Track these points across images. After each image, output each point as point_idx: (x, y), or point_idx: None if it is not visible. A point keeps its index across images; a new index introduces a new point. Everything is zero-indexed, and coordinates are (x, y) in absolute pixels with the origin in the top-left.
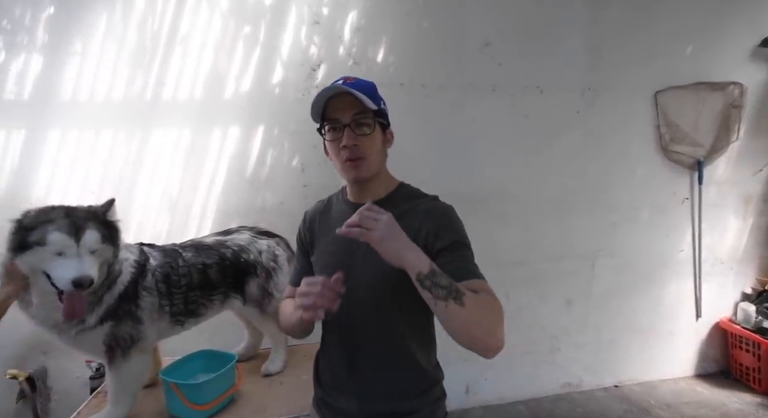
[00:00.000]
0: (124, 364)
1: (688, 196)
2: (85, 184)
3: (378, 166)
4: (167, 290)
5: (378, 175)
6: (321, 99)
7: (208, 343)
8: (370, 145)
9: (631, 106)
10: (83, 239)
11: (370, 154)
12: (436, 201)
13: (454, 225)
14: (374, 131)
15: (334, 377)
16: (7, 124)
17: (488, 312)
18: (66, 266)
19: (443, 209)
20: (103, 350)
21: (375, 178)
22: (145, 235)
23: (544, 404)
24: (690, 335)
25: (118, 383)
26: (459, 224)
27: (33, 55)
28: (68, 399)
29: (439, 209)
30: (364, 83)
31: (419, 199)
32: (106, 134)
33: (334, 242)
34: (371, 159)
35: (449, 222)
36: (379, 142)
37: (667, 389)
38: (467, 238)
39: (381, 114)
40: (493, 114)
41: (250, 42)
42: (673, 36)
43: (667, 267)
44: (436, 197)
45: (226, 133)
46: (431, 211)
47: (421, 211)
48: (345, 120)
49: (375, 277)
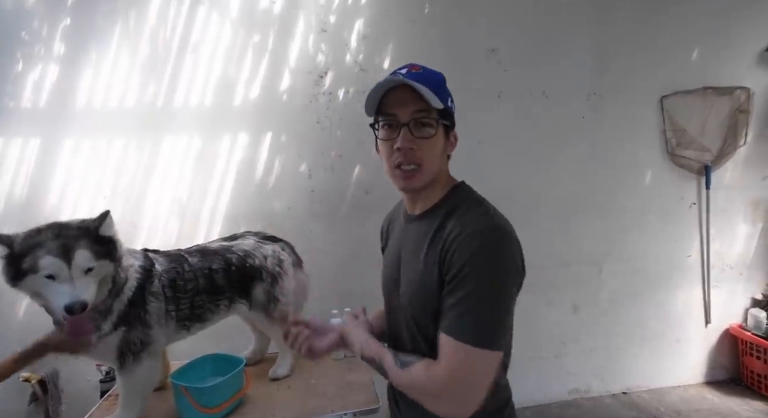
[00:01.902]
0: (136, 368)
1: (695, 202)
2: (98, 190)
3: (434, 175)
4: (173, 294)
5: (435, 183)
6: (378, 91)
7: (216, 347)
8: (429, 151)
9: (638, 112)
10: (75, 260)
11: (428, 160)
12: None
13: (476, 251)
14: (436, 134)
15: None
16: (24, 133)
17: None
18: (58, 291)
19: (480, 229)
20: (115, 355)
21: (431, 186)
22: (155, 240)
23: (551, 411)
24: (699, 342)
25: (129, 387)
26: (484, 250)
27: (50, 65)
28: (79, 402)
29: (474, 226)
30: (431, 75)
31: (468, 209)
32: (119, 141)
33: (389, 254)
34: (427, 167)
35: (474, 245)
36: (440, 148)
37: (676, 397)
38: (489, 272)
39: (446, 114)
40: (499, 120)
41: (258, 50)
42: (679, 41)
43: (676, 273)
44: (485, 207)
45: (235, 139)
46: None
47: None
48: (404, 118)
49: (408, 298)
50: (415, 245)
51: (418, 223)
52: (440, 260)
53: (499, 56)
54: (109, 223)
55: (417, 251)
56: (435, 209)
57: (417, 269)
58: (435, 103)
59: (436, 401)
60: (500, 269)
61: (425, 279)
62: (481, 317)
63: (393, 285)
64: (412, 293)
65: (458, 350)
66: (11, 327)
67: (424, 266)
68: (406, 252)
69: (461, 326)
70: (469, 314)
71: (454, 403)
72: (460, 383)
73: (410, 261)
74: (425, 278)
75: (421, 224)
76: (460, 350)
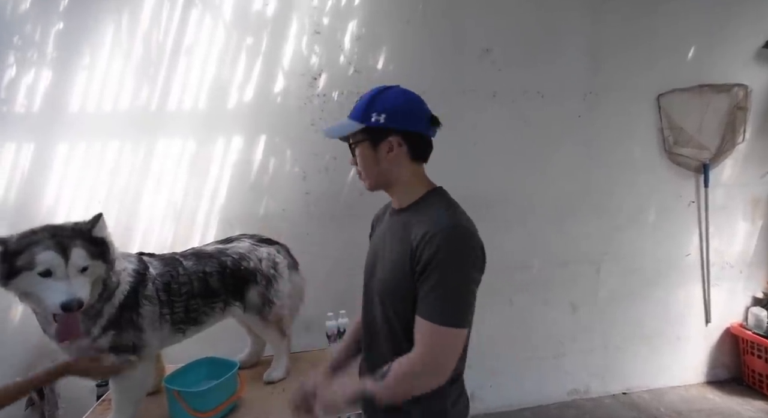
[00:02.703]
0: (128, 372)
1: (694, 200)
2: (92, 194)
3: (377, 179)
4: (168, 298)
5: (395, 185)
6: None
7: (212, 350)
8: (362, 164)
9: (634, 110)
10: (72, 257)
11: (364, 171)
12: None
13: (443, 247)
14: (361, 152)
15: (363, 353)
16: (17, 137)
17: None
18: (54, 288)
19: (444, 227)
20: None
21: (393, 187)
22: (150, 243)
23: (550, 411)
24: (700, 341)
25: (121, 391)
26: (450, 247)
27: (43, 69)
28: (76, 406)
29: (440, 225)
30: (360, 102)
31: (436, 207)
32: (113, 145)
33: (373, 243)
34: (366, 175)
35: (441, 242)
36: (370, 158)
37: (676, 397)
38: (454, 266)
39: (371, 130)
40: (494, 120)
41: (252, 52)
42: (676, 38)
43: (675, 271)
44: (452, 209)
45: (229, 142)
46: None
47: (425, 221)
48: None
49: (382, 284)
50: (392, 235)
51: (397, 217)
52: (411, 251)
53: (493, 56)
54: (102, 225)
55: (393, 240)
56: (411, 206)
57: (391, 257)
58: (337, 135)
59: (420, 379)
60: (463, 261)
61: (396, 265)
62: (450, 302)
63: (371, 269)
64: (385, 276)
65: (433, 330)
66: (7, 331)
67: (396, 255)
68: (384, 241)
69: (434, 310)
70: (439, 300)
71: (434, 374)
72: (437, 357)
73: (386, 249)
74: (396, 264)
75: (399, 218)
76: (435, 331)
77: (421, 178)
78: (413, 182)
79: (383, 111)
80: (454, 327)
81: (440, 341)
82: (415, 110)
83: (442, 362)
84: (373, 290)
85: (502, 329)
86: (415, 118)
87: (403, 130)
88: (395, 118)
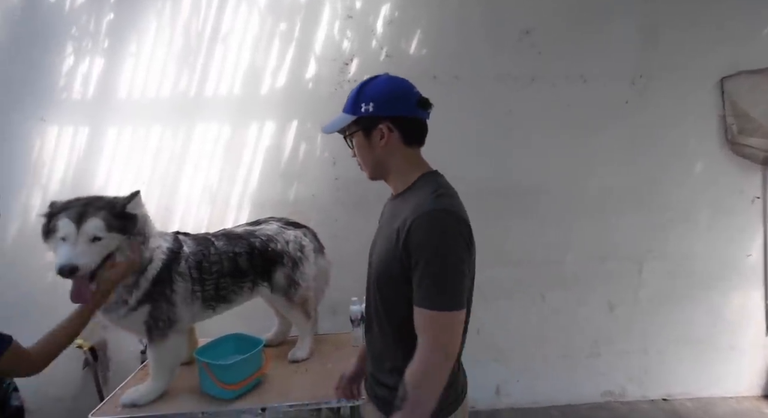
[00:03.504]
0: (162, 343)
1: (759, 195)
2: (138, 176)
3: (375, 168)
4: (199, 275)
5: (392, 172)
6: None
7: (244, 327)
8: (359, 155)
9: (691, 95)
10: (84, 226)
11: (362, 160)
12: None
13: (426, 232)
14: (356, 143)
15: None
16: (75, 121)
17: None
18: (60, 252)
19: (426, 210)
20: (144, 330)
21: (390, 174)
22: (188, 224)
23: (581, 412)
24: (758, 351)
25: (156, 361)
26: (433, 231)
27: (96, 57)
28: (123, 369)
29: (422, 208)
30: (349, 96)
31: (422, 191)
32: (156, 129)
33: (379, 227)
34: (364, 164)
35: (423, 226)
36: (365, 147)
37: (727, 408)
38: (439, 249)
39: (362, 120)
40: (532, 106)
41: (285, 38)
42: (745, 12)
43: (731, 274)
44: (438, 192)
45: (262, 127)
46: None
47: (411, 204)
48: None
49: (374, 267)
50: (386, 222)
51: (393, 202)
52: (397, 237)
53: (532, 38)
54: (137, 202)
55: (385, 227)
56: (404, 192)
57: (382, 243)
58: (333, 129)
59: (435, 369)
60: (446, 244)
61: (386, 251)
62: (439, 287)
63: (371, 256)
64: (377, 262)
65: (430, 317)
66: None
67: (386, 240)
68: (380, 228)
69: (427, 297)
70: (431, 287)
71: (445, 359)
72: (441, 341)
73: (381, 236)
74: (386, 250)
75: (395, 203)
76: (431, 317)
77: (416, 163)
78: (408, 168)
79: (371, 100)
80: (448, 310)
81: (439, 326)
82: (401, 95)
83: (446, 345)
84: (371, 276)
85: (532, 324)
86: (403, 103)
87: (391, 115)
88: (383, 105)
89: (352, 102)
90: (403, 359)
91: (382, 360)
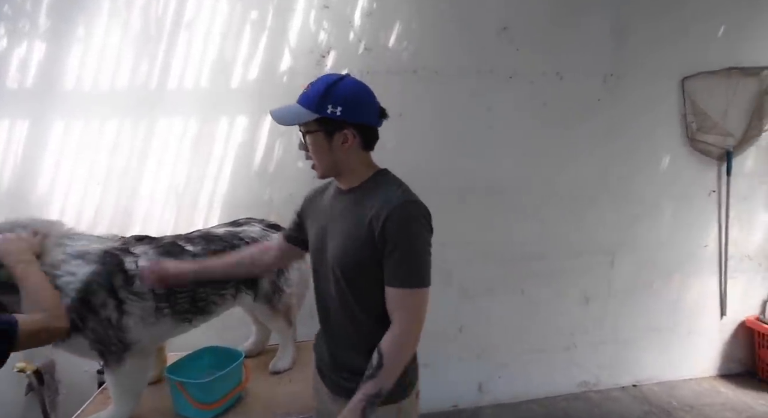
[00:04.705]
0: (119, 368)
1: (715, 189)
2: (90, 175)
3: (329, 167)
4: (166, 290)
5: (346, 172)
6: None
7: (215, 338)
8: (315, 152)
9: (657, 94)
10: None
11: (317, 159)
12: (399, 192)
13: (401, 221)
14: (314, 141)
15: (319, 328)
16: (10, 114)
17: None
18: None
19: (399, 203)
20: (96, 355)
21: (344, 173)
22: (151, 227)
23: (559, 404)
24: (713, 334)
25: (116, 385)
26: (408, 221)
27: (35, 41)
28: (77, 392)
29: (394, 201)
30: (312, 91)
31: (386, 187)
32: (111, 124)
33: (318, 223)
34: (318, 163)
35: (398, 217)
36: (324, 148)
37: (688, 390)
38: (413, 236)
39: (325, 121)
40: (511, 102)
41: (257, 27)
42: (704, 17)
43: (690, 263)
44: (402, 187)
45: (233, 122)
46: (387, 202)
47: (379, 197)
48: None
49: (335, 256)
50: (344, 212)
51: (345, 196)
52: (367, 224)
53: (511, 34)
54: None
55: (345, 217)
56: (361, 186)
57: (345, 230)
58: (292, 122)
59: (411, 344)
60: (420, 230)
61: (351, 237)
62: (415, 267)
63: (322, 246)
64: (339, 248)
65: (407, 294)
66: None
67: (351, 227)
68: (333, 220)
69: (404, 277)
70: (407, 268)
71: (417, 336)
72: (418, 317)
73: (339, 225)
74: (351, 235)
75: (348, 197)
76: (409, 294)
77: (368, 163)
78: (361, 167)
79: (339, 103)
80: (424, 287)
81: (416, 302)
82: (368, 103)
83: (421, 319)
84: (326, 265)
85: (513, 319)
86: (368, 111)
87: (357, 122)
88: (350, 110)
89: (317, 100)
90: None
91: (354, 350)
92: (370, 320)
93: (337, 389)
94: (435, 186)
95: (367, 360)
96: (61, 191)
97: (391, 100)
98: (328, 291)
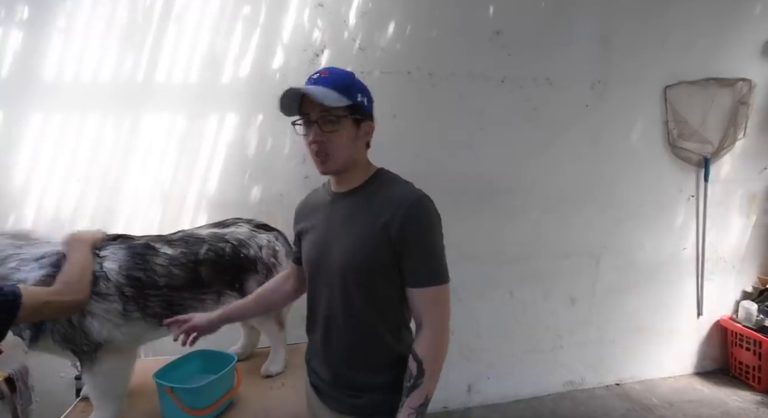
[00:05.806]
0: (96, 367)
1: (693, 194)
2: (69, 172)
3: (346, 161)
4: (136, 293)
5: (353, 168)
6: (289, 96)
7: (201, 342)
8: (336, 142)
9: (641, 101)
10: None
11: (336, 150)
12: (409, 189)
13: (419, 219)
14: (342, 128)
15: (314, 345)
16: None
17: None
18: None
19: (413, 201)
20: (69, 354)
21: (350, 170)
22: (135, 227)
23: (546, 403)
24: (691, 333)
25: (96, 388)
26: (426, 218)
27: (12, 30)
28: (52, 400)
29: (408, 199)
30: (339, 77)
31: (393, 185)
32: (94, 118)
33: (319, 230)
34: (336, 155)
35: (416, 215)
36: (348, 138)
37: (667, 388)
38: (432, 232)
39: (356, 108)
40: (502, 106)
41: (249, 23)
42: (685, 28)
43: (670, 265)
44: (409, 184)
45: (223, 119)
46: (401, 201)
47: (390, 198)
48: (314, 116)
49: (344, 261)
50: (350, 215)
51: (346, 199)
52: (382, 224)
53: (503, 39)
54: None
55: (352, 220)
56: (363, 186)
57: (355, 234)
58: (334, 103)
59: (446, 342)
60: (437, 226)
61: (363, 240)
62: (438, 263)
63: (325, 253)
64: (349, 255)
65: (437, 292)
66: None
67: (362, 229)
68: (335, 226)
69: (430, 275)
70: (432, 266)
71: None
72: (449, 315)
73: (345, 230)
74: (363, 239)
75: (350, 200)
76: (437, 292)
77: (369, 162)
78: (366, 166)
79: (364, 94)
80: (447, 282)
81: (444, 299)
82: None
83: (449, 316)
84: (329, 273)
85: (502, 321)
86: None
87: (372, 117)
88: (370, 104)
89: (347, 86)
90: (398, 344)
91: (359, 364)
92: (380, 324)
93: (341, 406)
94: (426, 187)
95: (373, 374)
96: (37, 188)
97: (385, 101)
98: (331, 301)
